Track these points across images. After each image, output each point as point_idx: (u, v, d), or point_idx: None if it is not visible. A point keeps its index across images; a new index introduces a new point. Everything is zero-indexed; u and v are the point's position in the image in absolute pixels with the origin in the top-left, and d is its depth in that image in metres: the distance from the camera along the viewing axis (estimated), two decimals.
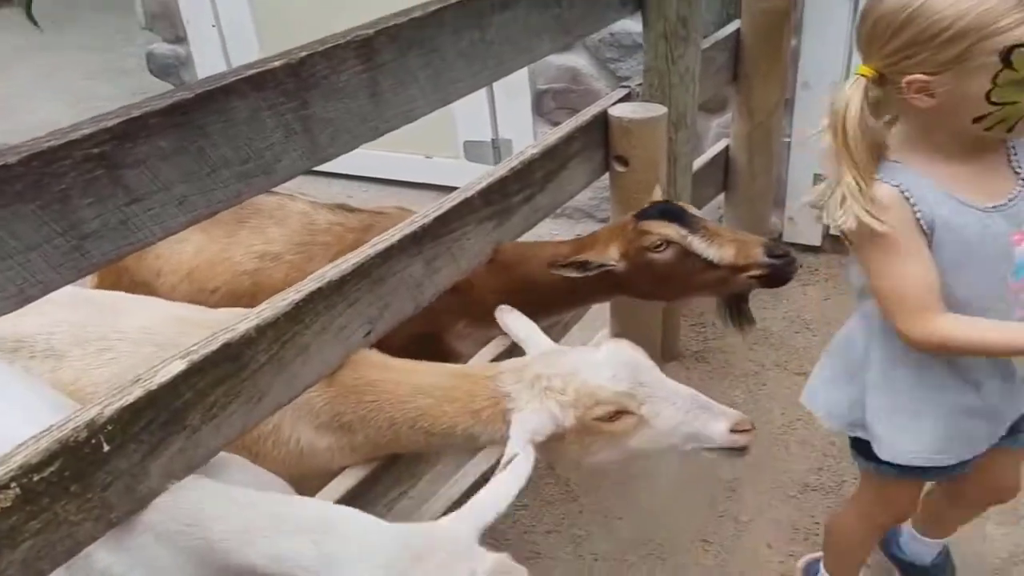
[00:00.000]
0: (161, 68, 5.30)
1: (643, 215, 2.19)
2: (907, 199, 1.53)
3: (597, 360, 1.67)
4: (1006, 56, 1.38)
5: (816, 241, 3.83)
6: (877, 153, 1.56)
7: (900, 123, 1.62)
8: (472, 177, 2.07)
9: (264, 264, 2.36)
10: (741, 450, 1.69)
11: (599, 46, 3.93)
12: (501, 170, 2.12)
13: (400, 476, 2.03)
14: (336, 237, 2.37)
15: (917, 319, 1.56)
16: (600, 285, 2.20)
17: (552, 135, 2.32)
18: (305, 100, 1.47)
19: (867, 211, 1.51)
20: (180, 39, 5.13)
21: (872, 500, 2.03)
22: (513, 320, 1.97)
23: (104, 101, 4.75)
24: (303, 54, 1.44)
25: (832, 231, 3.67)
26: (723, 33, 3.19)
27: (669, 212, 2.18)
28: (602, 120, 2.47)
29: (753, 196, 3.56)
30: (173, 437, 1.40)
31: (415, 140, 4.43)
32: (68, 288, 1.31)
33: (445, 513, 2.53)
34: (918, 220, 1.53)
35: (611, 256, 2.15)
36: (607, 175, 2.59)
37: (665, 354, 3.20)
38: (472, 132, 4.50)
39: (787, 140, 3.66)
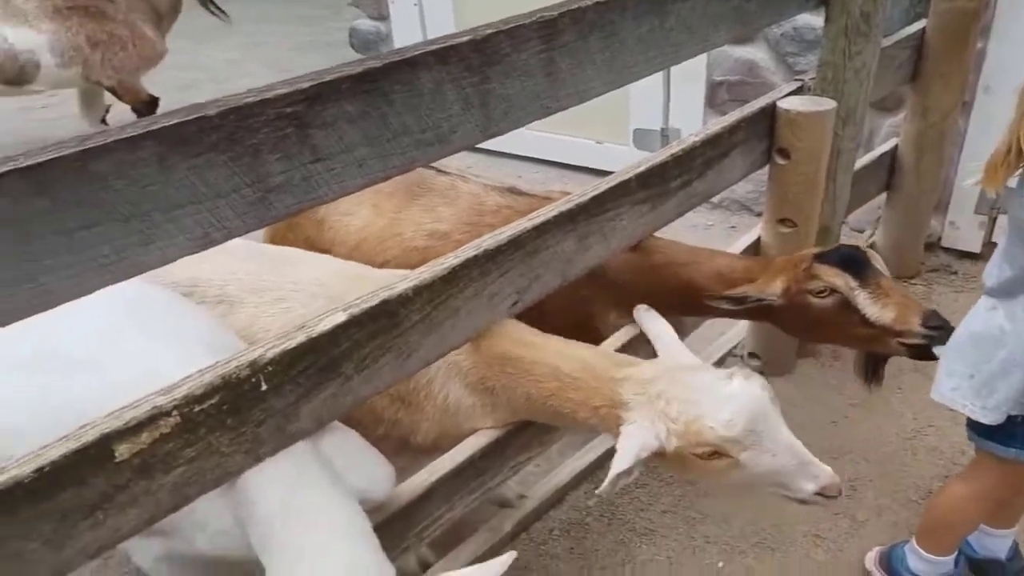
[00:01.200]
0: (363, 43, 5.52)
1: (823, 256, 2.17)
2: None
3: (721, 396, 1.64)
4: None
5: (976, 248, 3.70)
6: None
7: None
8: None
9: (433, 242, 2.42)
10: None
11: (780, 40, 3.85)
12: (662, 155, 2.12)
13: (529, 443, 2.08)
14: (503, 220, 2.39)
15: None
16: (751, 311, 2.22)
17: (717, 124, 2.31)
18: (486, 75, 1.50)
19: None
20: (383, 16, 5.34)
21: (994, 479, 2.01)
22: (651, 321, 2.01)
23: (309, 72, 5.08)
24: (488, 31, 1.48)
25: (995, 239, 3.59)
26: (907, 31, 3.07)
27: (850, 259, 2.15)
28: (769, 112, 2.44)
29: (916, 197, 3.43)
30: (327, 383, 1.48)
31: (587, 125, 4.52)
32: (240, 241, 1.40)
33: (570, 483, 2.62)
34: None
35: (774, 291, 2.17)
36: (766, 168, 2.55)
37: (800, 351, 3.15)
38: (643, 120, 4.49)
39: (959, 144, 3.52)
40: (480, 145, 1.65)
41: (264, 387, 1.38)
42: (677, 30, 1.91)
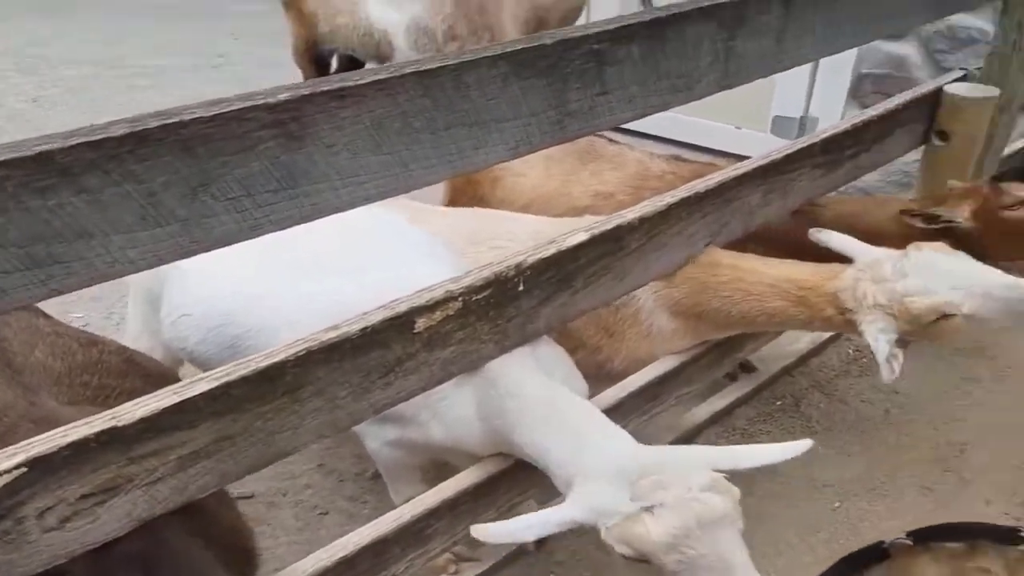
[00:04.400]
0: None
1: (997, 178, 2.32)
2: None
3: (907, 272, 1.86)
4: None
5: None
6: None
7: None
8: None
9: (596, 202, 2.60)
10: None
11: (932, 37, 3.93)
12: (843, 125, 2.28)
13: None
14: (667, 184, 2.55)
15: None
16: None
17: (889, 102, 2.46)
18: (734, 34, 1.68)
19: None
20: None
21: None
22: (832, 238, 2.15)
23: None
24: None
25: None
26: None
27: None
28: (935, 96, 2.58)
29: None
30: (561, 293, 1.69)
31: (729, 109, 4.59)
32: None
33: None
34: None
35: (962, 213, 2.29)
36: (923, 149, 2.70)
37: None
38: (784, 107, 4.59)
39: None
40: (628, 126, 1.83)
41: (521, 287, 1.59)
42: (884, 7, 2.07)
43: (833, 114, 4.34)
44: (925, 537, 2.10)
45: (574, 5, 3.58)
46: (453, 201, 2.84)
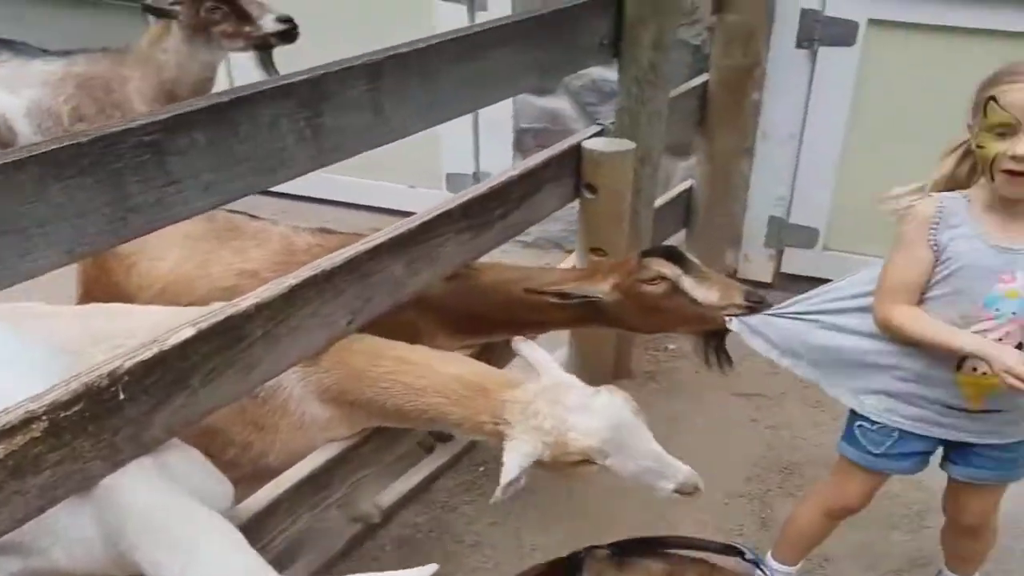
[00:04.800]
0: None
1: (647, 253, 2.44)
2: (936, 217, 1.89)
3: (589, 409, 1.88)
4: (984, 104, 1.75)
5: (767, 278, 4.10)
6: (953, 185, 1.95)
7: None
8: None
9: (242, 280, 2.48)
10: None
11: (580, 91, 4.18)
12: (482, 188, 2.33)
13: (367, 460, 2.23)
14: (314, 257, 2.43)
15: (885, 302, 1.95)
16: (584, 316, 2.43)
17: (530, 160, 2.55)
18: (319, 110, 1.68)
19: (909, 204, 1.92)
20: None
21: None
22: (527, 349, 2.16)
23: None
24: (321, 72, 1.66)
25: (784, 270, 4.02)
26: (693, 83, 3.45)
27: (672, 253, 2.43)
28: (576, 151, 2.71)
29: (712, 234, 3.81)
30: (177, 394, 1.59)
31: (401, 169, 4.60)
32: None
33: (399, 502, 2.74)
34: (930, 236, 1.89)
35: (602, 288, 2.38)
36: (577, 202, 2.82)
37: (618, 372, 3.43)
38: (455, 164, 4.69)
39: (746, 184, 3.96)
40: (295, 192, 1.81)
41: (122, 396, 1.48)
42: (489, 74, 2.15)
43: (504, 167, 4.42)
44: (627, 551, 2.19)
45: (202, 77, 3.57)
46: (88, 293, 2.65)
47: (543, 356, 2.14)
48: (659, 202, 3.40)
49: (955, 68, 3.03)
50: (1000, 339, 1.86)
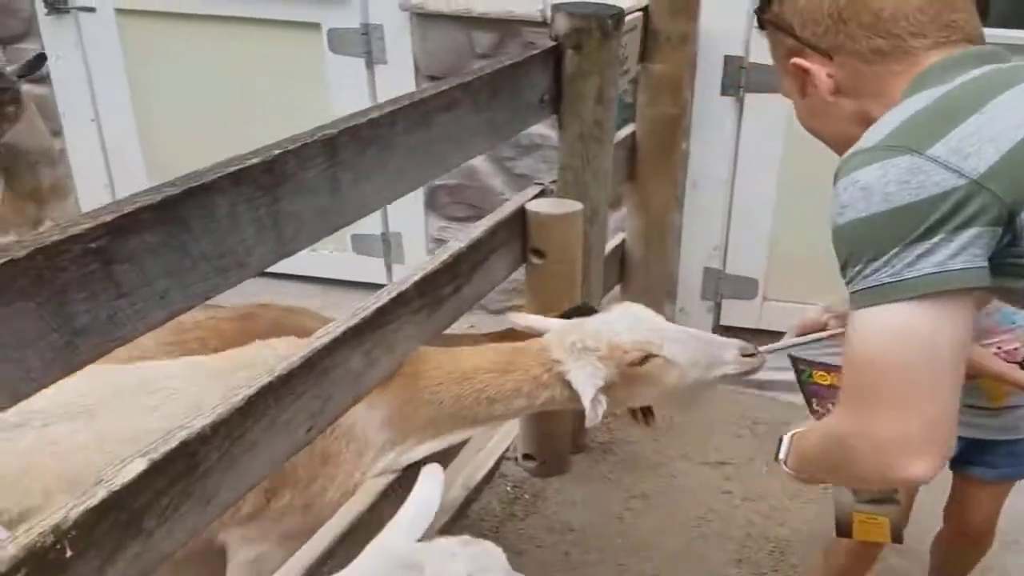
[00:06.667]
0: None
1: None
2: None
3: (613, 319, 2.00)
4: None
5: (707, 331, 3.97)
6: None
7: None
8: (359, 270, 2.14)
9: None
10: (752, 372, 1.98)
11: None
12: (433, 263, 2.15)
13: None
14: (210, 330, 2.34)
15: None
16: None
17: (477, 228, 2.37)
18: (276, 195, 1.47)
19: None
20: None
21: None
22: (520, 319, 2.26)
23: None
24: (277, 151, 1.46)
25: (723, 323, 3.93)
26: (620, 135, 3.33)
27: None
28: (520, 215, 2.55)
29: (648, 287, 3.69)
30: (130, 541, 1.34)
31: None
32: None
33: None
34: None
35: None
36: (524, 267, 2.66)
37: (573, 446, 3.25)
38: (359, 226, 4.41)
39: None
40: None
41: (69, 554, 1.23)
42: (442, 140, 1.98)
43: (416, 227, 4.33)
44: None
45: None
46: None
47: (539, 318, 2.22)
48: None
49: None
50: (1016, 348, 1.89)
